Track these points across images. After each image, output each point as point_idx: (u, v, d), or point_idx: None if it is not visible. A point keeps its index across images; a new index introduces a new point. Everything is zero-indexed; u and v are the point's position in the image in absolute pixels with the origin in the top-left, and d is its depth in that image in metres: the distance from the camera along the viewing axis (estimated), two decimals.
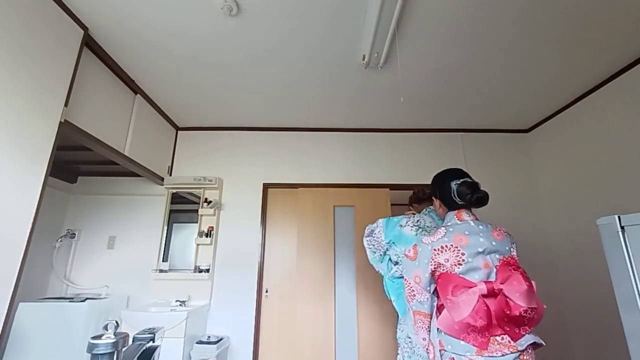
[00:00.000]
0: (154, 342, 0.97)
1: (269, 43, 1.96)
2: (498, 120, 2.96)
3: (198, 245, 2.79)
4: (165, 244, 2.81)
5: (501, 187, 3.00)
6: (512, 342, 1.07)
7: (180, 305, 2.56)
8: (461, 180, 1.32)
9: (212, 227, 2.82)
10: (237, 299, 2.72)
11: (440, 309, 1.21)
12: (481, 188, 1.29)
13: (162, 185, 2.91)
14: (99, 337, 0.75)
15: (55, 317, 2.20)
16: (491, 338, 1.09)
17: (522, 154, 3.10)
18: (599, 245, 1.23)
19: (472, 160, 3.08)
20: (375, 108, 2.77)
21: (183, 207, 2.94)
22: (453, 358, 1.11)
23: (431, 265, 1.23)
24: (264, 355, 2.65)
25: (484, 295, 1.11)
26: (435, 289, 1.25)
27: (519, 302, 1.07)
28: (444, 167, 3.25)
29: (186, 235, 2.85)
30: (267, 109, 2.81)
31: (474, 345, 1.08)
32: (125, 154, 2.32)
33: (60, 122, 1.68)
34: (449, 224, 1.29)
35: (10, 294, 1.41)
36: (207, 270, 2.71)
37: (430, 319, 1.24)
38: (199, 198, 2.90)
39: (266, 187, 3.01)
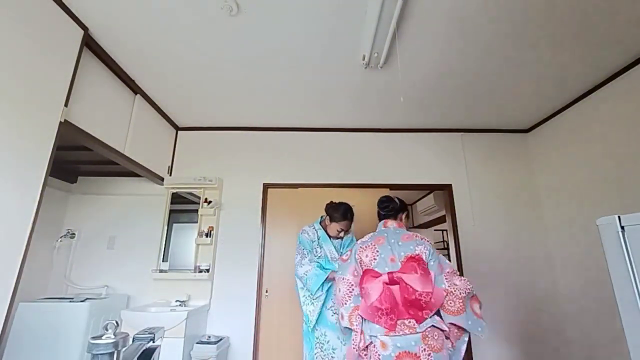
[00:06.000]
0: (154, 342, 0.97)
1: (269, 43, 1.96)
2: (498, 120, 2.96)
3: (198, 245, 2.78)
4: (165, 244, 2.80)
5: (501, 187, 3.00)
6: (416, 324, 1.28)
7: (180, 305, 2.56)
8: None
9: (212, 227, 2.82)
10: (237, 299, 2.72)
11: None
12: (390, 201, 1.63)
13: (162, 185, 2.91)
14: (99, 337, 0.74)
15: (55, 317, 2.20)
16: (398, 321, 1.29)
17: (522, 154, 3.09)
18: (599, 245, 1.23)
19: (472, 160, 3.08)
20: (375, 108, 2.77)
21: (183, 207, 2.93)
22: (371, 341, 1.33)
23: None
24: (264, 355, 2.65)
25: (387, 283, 1.34)
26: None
27: (415, 287, 1.30)
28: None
29: (186, 235, 2.84)
30: (267, 109, 2.81)
31: (384, 327, 1.29)
32: (125, 154, 2.32)
33: (60, 122, 1.68)
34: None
35: (10, 294, 1.41)
36: (207, 270, 2.71)
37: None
38: (199, 198, 2.90)
39: (266, 187, 3.01)
